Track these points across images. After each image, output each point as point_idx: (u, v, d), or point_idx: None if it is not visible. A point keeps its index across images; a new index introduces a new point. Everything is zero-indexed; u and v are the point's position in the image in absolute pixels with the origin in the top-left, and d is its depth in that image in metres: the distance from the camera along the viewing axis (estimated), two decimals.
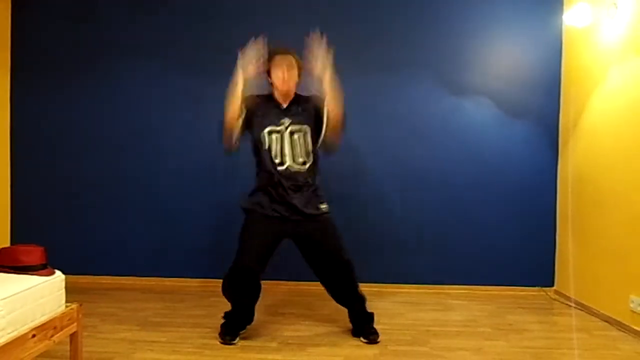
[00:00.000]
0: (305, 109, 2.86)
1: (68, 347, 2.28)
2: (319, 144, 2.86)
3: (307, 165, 2.82)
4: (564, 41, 3.90)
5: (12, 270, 2.11)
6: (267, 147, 2.80)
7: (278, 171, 2.77)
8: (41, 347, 2.01)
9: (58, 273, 2.21)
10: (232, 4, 4.07)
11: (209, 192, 4.05)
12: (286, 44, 4.10)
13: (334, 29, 3.98)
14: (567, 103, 3.84)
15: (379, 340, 2.79)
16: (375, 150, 3.98)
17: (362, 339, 2.83)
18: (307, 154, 2.82)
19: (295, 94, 2.90)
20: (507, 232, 3.95)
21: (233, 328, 2.81)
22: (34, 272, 2.11)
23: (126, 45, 4.10)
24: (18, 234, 4.15)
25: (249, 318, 2.91)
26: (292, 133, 2.81)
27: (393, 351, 2.69)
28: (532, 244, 3.95)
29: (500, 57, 3.97)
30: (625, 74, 3.12)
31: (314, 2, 4.03)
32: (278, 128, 2.81)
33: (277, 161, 2.78)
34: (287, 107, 2.86)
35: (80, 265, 3.99)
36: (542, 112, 3.93)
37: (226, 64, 4.03)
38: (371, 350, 2.70)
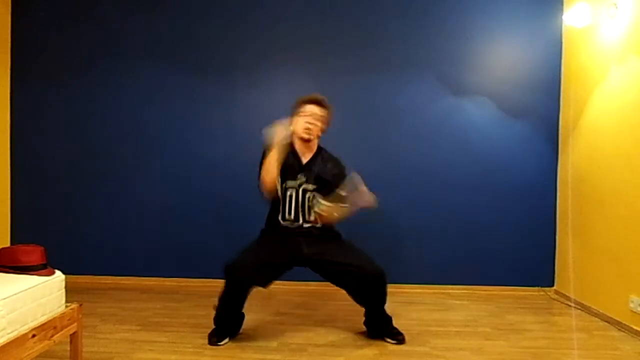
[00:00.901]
0: (323, 169, 2.79)
1: (68, 347, 2.27)
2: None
3: (318, 224, 2.80)
4: (564, 41, 3.90)
5: (12, 270, 2.11)
6: (281, 199, 2.78)
7: (289, 225, 2.78)
8: (41, 347, 2.01)
9: (58, 273, 2.21)
10: (232, 4, 4.07)
11: (209, 192, 4.05)
12: (286, 43, 4.12)
13: (334, 29, 4.03)
14: (567, 103, 3.84)
15: (405, 340, 2.78)
16: (374, 150, 3.97)
17: (387, 339, 2.80)
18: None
19: (319, 147, 2.85)
20: (508, 232, 3.96)
21: (221, 330, 2.78)
22: (34, 272, 2.11)
23: (126, 45, 4.11)
24: (18, 234, 4.15)
25: (233, 322, 2.84)
26: (305, 191, 2.79)
27: (393, 351, 2.69)
28: (532, 244, 3.95)
29: (500, 57, 3.97)
30: (625, 74, 3.12)
31: (314, 2, 4.03)
32: (294, 184, 2.79)
33: (290, 216, 2.78)
34: (307, 162, 2.81)
35: (80, 265, 4.00)
36: (542, 112, 3.94)
37: (226, 64, 4.09)
38: (371, 350, 2.70)
